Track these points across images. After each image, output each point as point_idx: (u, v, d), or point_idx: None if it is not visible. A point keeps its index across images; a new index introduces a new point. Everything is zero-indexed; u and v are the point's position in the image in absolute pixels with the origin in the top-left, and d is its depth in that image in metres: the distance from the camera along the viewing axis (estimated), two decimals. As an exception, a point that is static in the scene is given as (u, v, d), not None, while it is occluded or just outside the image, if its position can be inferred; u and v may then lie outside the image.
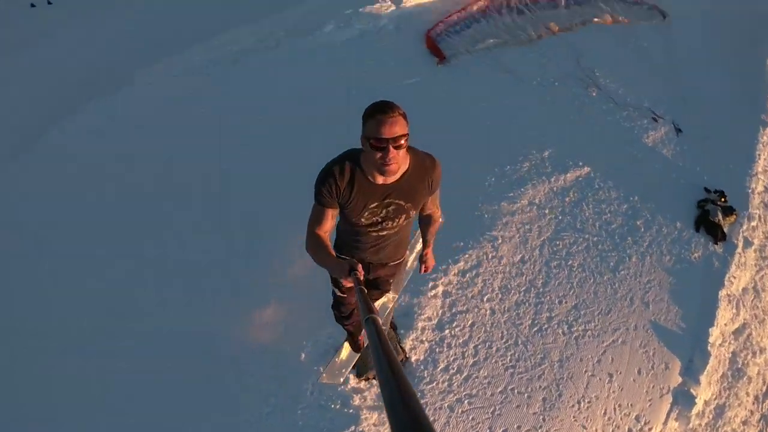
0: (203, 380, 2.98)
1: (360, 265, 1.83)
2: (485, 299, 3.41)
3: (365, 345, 2.95)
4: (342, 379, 2.96)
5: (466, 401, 2.94)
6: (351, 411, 2.88)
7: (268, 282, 3.45)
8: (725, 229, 4.04)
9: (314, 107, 4.82)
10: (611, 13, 6.30)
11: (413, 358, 3.09)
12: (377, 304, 2.63)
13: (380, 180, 1.97)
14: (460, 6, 6.36)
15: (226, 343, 3.17)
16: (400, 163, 1.89)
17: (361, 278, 1.81)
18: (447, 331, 3.24)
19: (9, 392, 3.01)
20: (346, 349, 2.96)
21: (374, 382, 3.03)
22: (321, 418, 2.85)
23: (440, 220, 2.50)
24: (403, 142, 1.82)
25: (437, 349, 3.15)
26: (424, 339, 3.20)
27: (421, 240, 2.71)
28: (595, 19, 6.08)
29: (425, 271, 2.76)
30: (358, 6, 6.43)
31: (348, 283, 1.89)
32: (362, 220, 2.11)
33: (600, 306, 3.47)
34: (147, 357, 3.11)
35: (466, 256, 3.61)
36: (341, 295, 2.58)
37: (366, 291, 1.66)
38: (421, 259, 2.72)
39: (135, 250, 3.73)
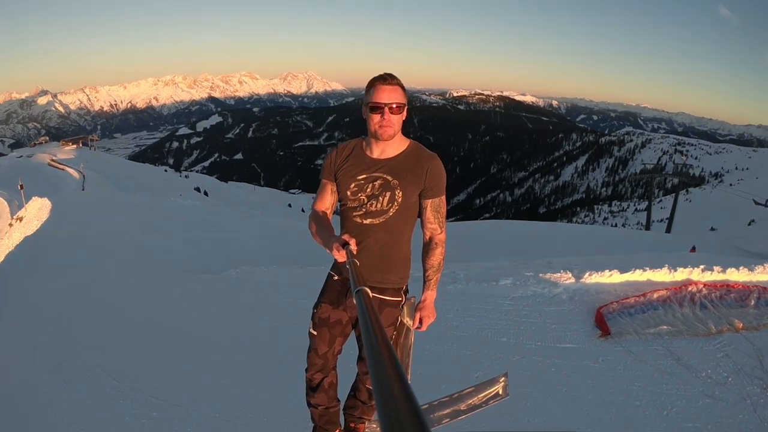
0: None
1: (353, 240, 1.93)
2: None
3: None
4: None
5: None
6: None
7: None
8: None
9: (462, 341, 5.47)
10: (805, 318, 5.87)
11: None
12: None
13: (376, 153, 2.21)
14: (639, 292, 6.66)
15: None
16: (395, 128, 2.10)
17: (354, 251, 1.88)
18: None
19: None
20: None
21: None
22: None
23: (443, 247, 2.35)
24: (396, 107, 2.06)
25: None
26: None
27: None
28: (787, 323, 5.74)
29: (418, 325, 2.40)
30: (539, 271, 7.23)
31: (341, 258, 1.91)
32: (348, 193, 2.24)
33: None
34: None
35: None
36: (312, 332, 2.44)
37: (358, 264, 1.74)
38: (417, 307, 2.41)
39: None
